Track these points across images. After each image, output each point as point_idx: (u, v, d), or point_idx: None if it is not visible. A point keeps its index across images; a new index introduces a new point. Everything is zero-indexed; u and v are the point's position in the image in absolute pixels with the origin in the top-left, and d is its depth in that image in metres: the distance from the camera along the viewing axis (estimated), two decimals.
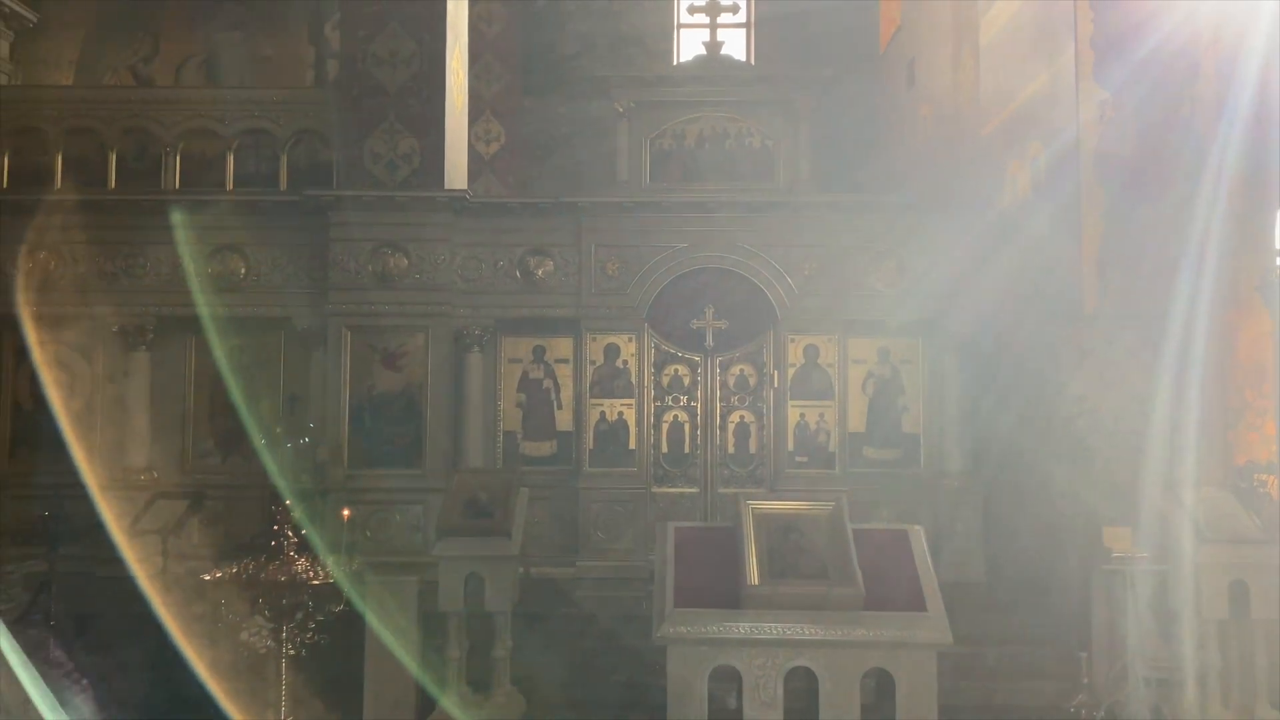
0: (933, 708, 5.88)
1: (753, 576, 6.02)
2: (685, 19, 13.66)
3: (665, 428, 10.35)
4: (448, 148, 10.12)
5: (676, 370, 10.38)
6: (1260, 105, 7.83)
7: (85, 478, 9.28)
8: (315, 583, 5.16)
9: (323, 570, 5.20)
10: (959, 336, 10.03)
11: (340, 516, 8.63)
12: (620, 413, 10.21)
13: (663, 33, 14.25)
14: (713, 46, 10.72)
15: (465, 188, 10.46)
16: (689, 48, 13.81)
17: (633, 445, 10.15)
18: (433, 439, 9.87)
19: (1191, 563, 6.81)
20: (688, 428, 10.34)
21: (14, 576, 8.64)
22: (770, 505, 6.52)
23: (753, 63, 13.38)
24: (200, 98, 11.01)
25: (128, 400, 10.25)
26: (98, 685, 6.93)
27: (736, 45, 13.89)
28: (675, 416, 10.36)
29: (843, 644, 5.87)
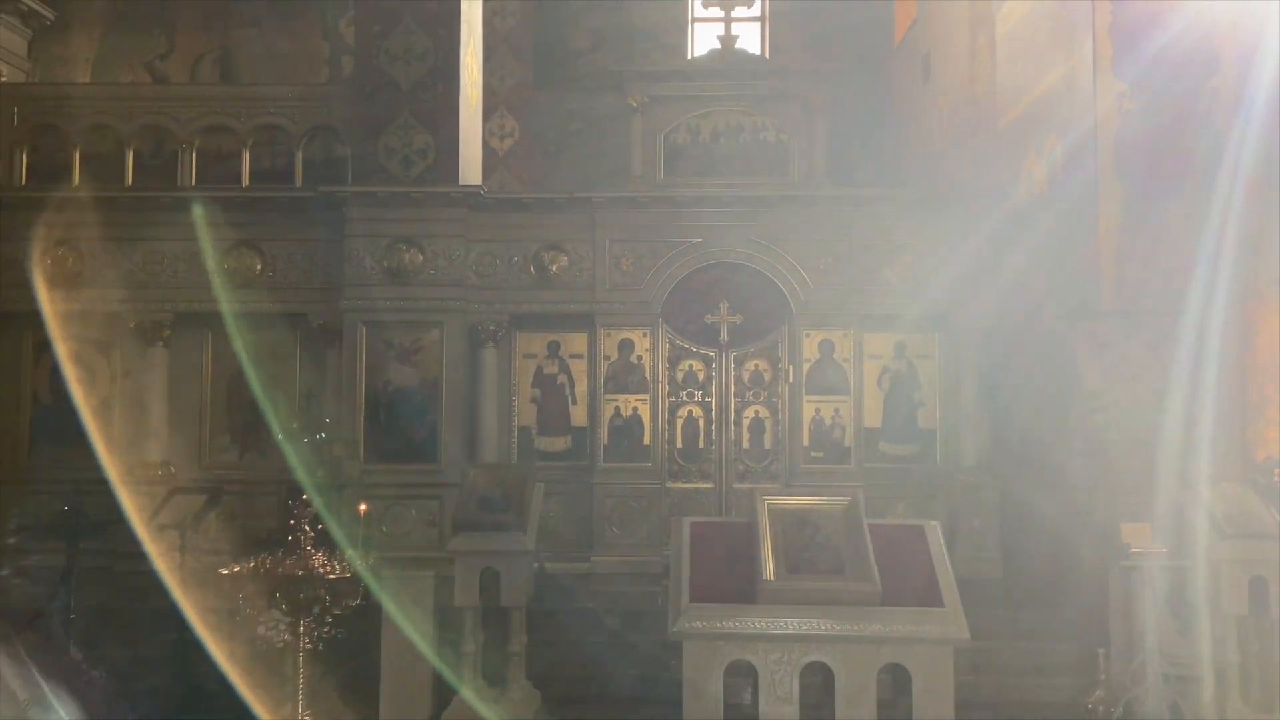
0: (949, 704, 5.86)
1: (768, 572, 6.01)
2: (699, 13, 13.61)
3: (680, 423, 10.34)
4: (462, 143, 10.13)
5: (691, 365, 10.37)
6: (1279, 97, 7.75)
7: (105, 473, 9.33)
8: (332, 577, 5.17)
9: (339, 565, 5.21)
10: (975, 331, 9.98)
11: (356, 511, 8.67)
12: (635, 408, 10.21)
13: (676, 27, 14.21)
14: (727, 40, 10.70)
15: (479, 183, 10.47)
16: (703, 42, 13.76)
17: (647, 441, 10.15)
18: (448, 434, 9.89)
19: (1210, 558, 6.77)
20: (702, 423, 10.33)
21: (35, 570, 8.71)
22: (786, 500, 6.50)
23: (767, 56, 13.32)
24: (216, 94, 11.08)
25: (145, 396, 10.32)
26: (117, 679, 6.99)
27: (751, 39, 13.82)
28: (690, 412, 10.35)
29: (859, 639, 5.85)
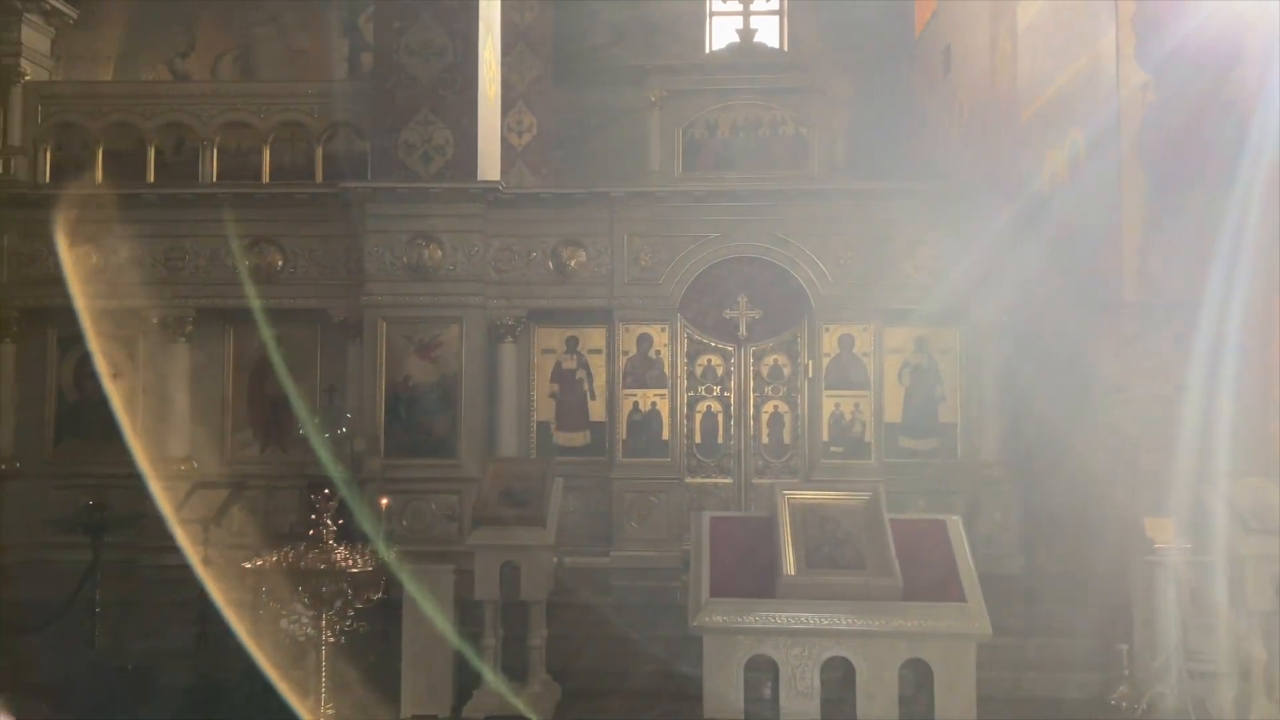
0: (971, 699, 5.84)
1: (789, 566, 6.00)
2: (718, 6, 13.56)
3: (699, 418, 10.33)
4: (481, 139, 10.16)
5: (710, 360, 10.36)
6: None
7: (130, 467, 9.42)
8: (354, 571, 5.19)
9: (361, 558, 5.24)
10: (996, 325, 9.92)
11: (377, 505, 8.73)
12: (653, 403, 10.21)
13: (695, 21, 14.15)
14: (745, 34, 10.65)
15: (498, 179, 10.49)
16: (721, 36, 13.69)
17: (666, 435, 10.15)
18: (467, 429, 9.93)
19: (1234, 553, 6.70)
20: (721, 418, 10.32)
21: (61, 565, 8.80)
22: (806, 495, 6.49)
23: (786, 50, 13.26)
24: (236, 91, 11.16)
25: (168, 391, 10.41)
26: (141, 672, 7.06)
27: (769, 32, 13.73)
28: (709, 407, 10.34)
29: (880, 634, 5.84)
